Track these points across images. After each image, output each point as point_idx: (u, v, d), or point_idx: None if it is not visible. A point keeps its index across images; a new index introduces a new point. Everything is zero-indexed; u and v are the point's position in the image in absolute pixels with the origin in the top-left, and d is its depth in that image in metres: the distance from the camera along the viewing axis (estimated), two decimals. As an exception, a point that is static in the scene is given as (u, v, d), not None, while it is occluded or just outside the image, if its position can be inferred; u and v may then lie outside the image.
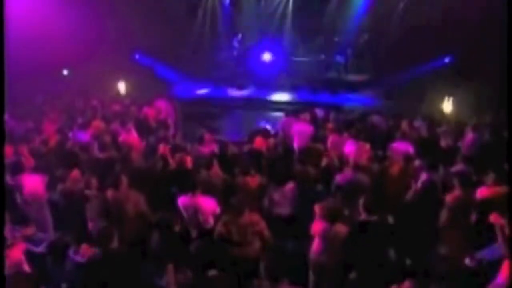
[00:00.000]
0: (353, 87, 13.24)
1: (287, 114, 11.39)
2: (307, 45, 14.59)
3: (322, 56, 14.26)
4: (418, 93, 11.38)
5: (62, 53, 11.44)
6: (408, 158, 5.80)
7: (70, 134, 7.14)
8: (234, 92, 13.40)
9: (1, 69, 4.11)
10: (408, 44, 12.17)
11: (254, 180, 5.09)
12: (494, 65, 10.39)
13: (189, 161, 5.44)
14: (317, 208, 4.14)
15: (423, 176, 5.46)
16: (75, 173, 5.03)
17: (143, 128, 7.83)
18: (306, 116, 8.44)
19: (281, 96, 12.96)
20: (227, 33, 14.87)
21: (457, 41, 11.21)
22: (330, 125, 8.02)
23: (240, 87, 13.52)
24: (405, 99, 11.87)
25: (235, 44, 14.72)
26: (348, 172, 5.22)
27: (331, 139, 7.24)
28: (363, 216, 4.28)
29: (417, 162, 5.79)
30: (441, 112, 11.05)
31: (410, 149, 6.51)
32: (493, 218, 3.85)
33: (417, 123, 8.10)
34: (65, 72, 12.92)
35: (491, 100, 10.09)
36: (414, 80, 11.86)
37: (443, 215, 4.77)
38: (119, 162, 5.78)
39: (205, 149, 6.16)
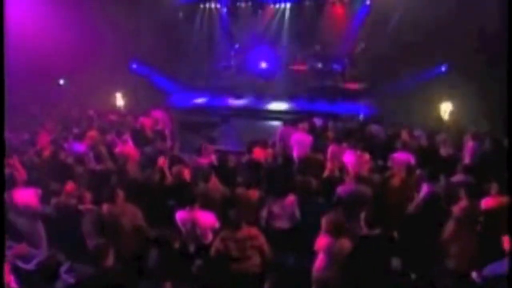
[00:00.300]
0: (350, 95, 13.16)
1: (285, 123, 11.48)
2: (304, 54, 14.54)
3: (319, 65, 14.19)
4: (416, 101, 11.31)
5: (58, 62, 11.31)
6: (409, 169, 5.68)
7: (65, 145, 6.97)
8: (232, 101, 13.29)
9: (1, 74, 4.09)
10: (404, 52, 12.14)
11: (253, 193, 4.94)
12: (491, 73, 10.39)
13: (187, 173, 5.29)
14: (323, 222, 3.99)
15: (425, 187, 5.34)
16: (70, 186, 4.86)
17: (139, 138, 7.68)
18: (305, 125, 8.33)
19: (279, 105, 12.86)
20: (225, 42, 14.83)
21: (454, 49, 11.19)
22: (329, 134, 7.92)
23: (238, 96, 13.41)
24: (402, 107, 11.83)
25: (233, 53, 14.66)
26: (349, 184, 5.08)
27: (330, 149, 7.12)
28: (365, 231, 4.16)
29: (418, 172, 5.65)
30: (439, 120, 11.02)
31: (411, 159, 6.40)
32: (506, 242, 3.72)
33: (417, 132, 7.99)
34: (61, 81, 12.77)
35: (489, 108, 10.04)
36: (412, 88, 11.80)
37: (449, 227, 4.63)
38: (115, 174, 5.62)
39: (204, 161, 6.01)
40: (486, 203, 4.80)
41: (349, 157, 6.54)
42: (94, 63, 12.02)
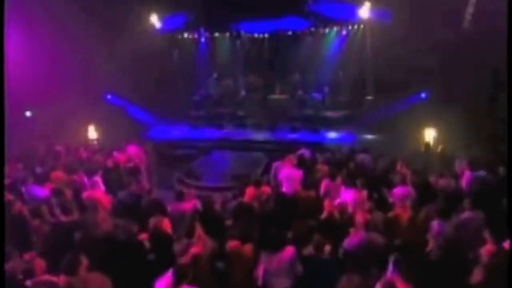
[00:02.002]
0: (331, 123, 12.61)
1: (268, 153, 10.72)
2: (284, 83, 14.02)
3: (299, 93, 13.67)
4: (398, 128, 10.85)
5: (25, 91, 9.99)
6: (416, 205, 4.94)
7: (23, 189, 5.85)
8: (212, 133, 12.43)
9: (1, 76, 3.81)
10: (384, 79, 11.80)
11: (247, 248, 4.04)
12: (474, 97, 10.08)
13: (166, 225, 4.33)
14: None
15: (436, 226, 4.63)
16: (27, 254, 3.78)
17: (112, 179, 6.67)
18: (293, 158, 7.58)
19: (261, 135, 12.09)
20: (203, 72, 14.13)
21: (435, 73, 10.90)
22: (319, 168, 7.16)
23: (218, 127, 12.57)
24: (386, 134, 11.37)
25: (211, 83, 13.97)
26: (357, 234, 4.22)
27: (324, 184, 6.38)
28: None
29: (426, 210, 4.93)
30: (424, 145, 10.57)
31: (412, 193, 5.72)
32: None
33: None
34: (28, 113, 11.51)
35: (476, 132, 9.68)
36: (394, 115, 11.38)
37: (477, 273, 3.87)
38: (80, 229, 4.57)
39: (186, 206, 5.07)
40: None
41: (347, 195, 5.79)
42: (65, 93, 10.92)
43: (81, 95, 11.33)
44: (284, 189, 6.60)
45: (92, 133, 11.86)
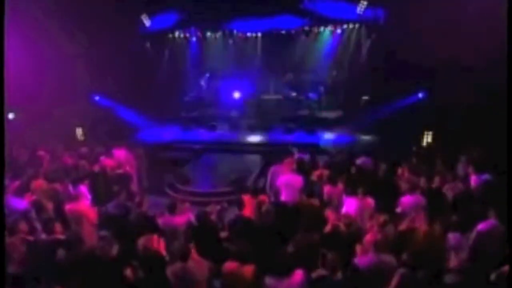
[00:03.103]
0: (328, 124, 12.17)
1: (263, 156, 10.23)
2: (278, 83, 13.56)
3: (294, 94, 13.23)
4: (397, 128, 10.49)
5: (7, 92, 9.31)
6: (432, 218, 4.50)
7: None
8: (204, 135, 11.89)
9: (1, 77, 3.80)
10: (380, 79, 11.42)
11: (248, 270, 3.55)
12: (472, 97, 9.74)
13: (157, 243, 3.83)
14: None
15: (453, 239, 4.22)
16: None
17: (99, 188, 6.12)
18: (291, 162, 7.12)
19: (255, 137, 11.59)
20: (195, 73, 13.60)
21: (431, 74, 10.54)
22: (320, 173, 6.70)
23: (211, 129, 12.04)
24: (383, 135, 11.01)
25: (203, 83, 13.44)
26: (370, 256, 3.75)
27: (326, 191, 5.96)
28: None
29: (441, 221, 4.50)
30: (421, 147, 10.22)
31: (423, 202, 5.30)
32: None
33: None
34: (10, 115, 10.80)
35: (475, 133, 9.34)
36: (390, 116, 11.01)
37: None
38: (63, 247, 4.04)
39: (179, 220, 4.57)
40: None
41: (351, 204, 5.35)
42: (50, 94, 10.26)
43: (67, 96, 10.69)
44: (284, 197, 6.15)
45: (79, 135, 11.29)
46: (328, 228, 4.62)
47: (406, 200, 5.30)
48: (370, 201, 5.38)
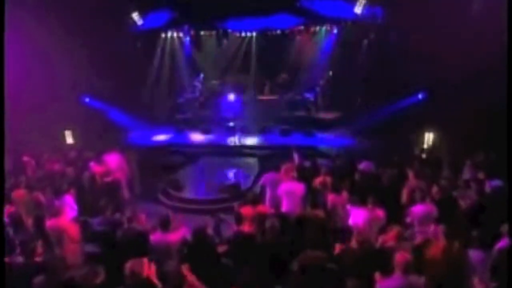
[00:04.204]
0: (325, 125, 11.73)
1: (260, 160, 9.77)
2: (273, 83, 13.10)
3: (290, 94, 12.77)
4: (397, 129, 10.10)
5: None
6: (450, 232, 4.06)
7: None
8: (198, 137, 11.36)
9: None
10: (378, 79, 11.03)
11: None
12: (472, 100, 9.37)
13: (147, 267, 3.32)
14: None
15: (476, 257, 3.80)
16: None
17: (86, 199, 5.60)
18: (290, 167, 6.66)
19: (251, 140, 11.10)
20: (188, 73, 13.06)
21: (430, 75, 10.15)
22: (322, 180, 6.24)
23: (205, 131, 11.52)
24: (383, 136, 10.61)
25: (197, 84, 12.91)
26: (395, 279, 3.30)
27: (330, 200, 5.51)
28: None
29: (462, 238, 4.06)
30: (422, 150, 9.84)
31: (435, 212, 4.88)
32: None
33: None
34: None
35: (478, 136, 8.98)
36: (389, 117, 10.61)
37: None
38: (41, 273, 3.51)
39: (173, 238, 4.07)
40: None
41: (359, 215, 4.90)
42: (37, 95, 9.62)
43: (55, 97, 10.06)
44: (285, 206, 5.69)
45: (68, 138, 10.67)
46: (338, 249, 4.13)
47: (418, 209, 4.88)
48: (380, 212, 4.94)
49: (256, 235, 4.20)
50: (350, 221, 4.90)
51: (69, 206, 5.26)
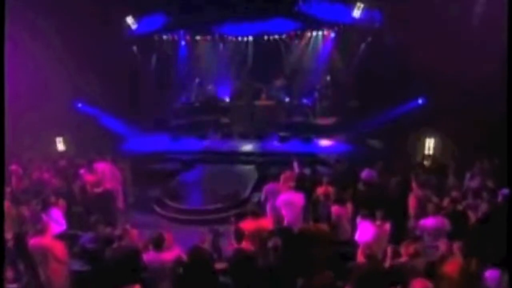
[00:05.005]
0: (323, 131, 11.42)
1: (257, 167, 9.43)
2: (270, 88, 12.80)
3: (287, 99, 12.48)
4: (397, 135, 9.84)
5: None
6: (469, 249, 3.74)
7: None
8: (194, 144, 10.98)
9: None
10: (377, 84, 10.78)
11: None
12: (472, 105, 9.15)
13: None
14: None
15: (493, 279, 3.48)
16: None
17: (76, 211, 5.22)
18: (290, 177, 6.35)
19: (247, 146, 10.76)
20: (184, 78, 12.72)
21: (429, 80, 9.92)
22: (324, 191, 5.92)
23: (201, 137, 11.16)
24: (382, 142, 10.34)
25: (193, 89, 12.59)
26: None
27: (334, 212, 5.19)
28: None
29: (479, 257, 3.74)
30: (423, 156, 9.58)
31: (447, 226, 4.57)
32: None
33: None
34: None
35: (476, 142, 8.74)
36: (388, 122, 10.35)
37: None
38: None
39: (167, 257, 3.71)
40: None
41: (367, 231, 4.58)
42: (27, 100, 9.21)
43: (47, 102, 9.65)
44: (286, 219, 5.36)
45: (59, 145, 10.25)
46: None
47: (429, 223, 4.57)
48: (388, 226, 4.63)
49: (258, 255, 3.85)
50: (357, 235, 4.58)
51: (56, 221, 4.88)
